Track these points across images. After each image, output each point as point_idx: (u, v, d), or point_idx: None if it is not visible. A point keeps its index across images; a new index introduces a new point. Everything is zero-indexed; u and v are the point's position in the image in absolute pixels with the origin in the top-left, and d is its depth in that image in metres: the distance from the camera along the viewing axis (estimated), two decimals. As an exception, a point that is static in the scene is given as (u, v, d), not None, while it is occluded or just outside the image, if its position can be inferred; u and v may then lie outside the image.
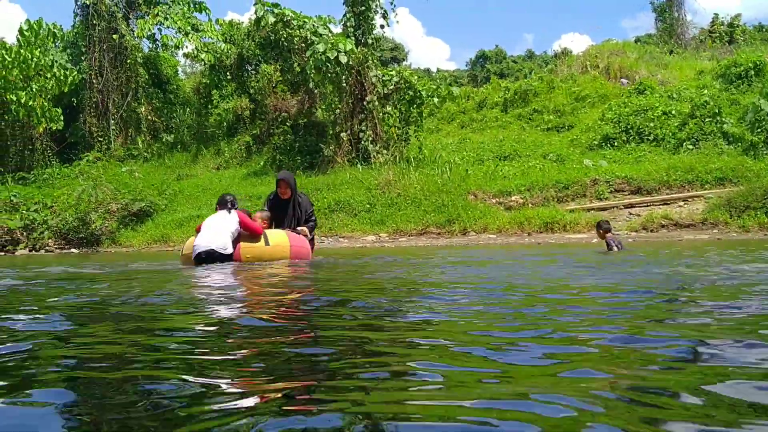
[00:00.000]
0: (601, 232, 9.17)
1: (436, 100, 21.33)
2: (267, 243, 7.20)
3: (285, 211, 7.95)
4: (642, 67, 27.20)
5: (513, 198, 17.16)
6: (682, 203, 15.41)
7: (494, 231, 15.22)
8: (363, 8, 23.13)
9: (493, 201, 17.33)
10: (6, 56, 23.83)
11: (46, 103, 24.62)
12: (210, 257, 6.84)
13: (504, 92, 27.54)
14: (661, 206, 15.41)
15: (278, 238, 7.35)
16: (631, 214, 15.34)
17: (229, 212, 7.18)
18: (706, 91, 21.14)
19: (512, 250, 10.53)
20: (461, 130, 26.56)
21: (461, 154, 21.76)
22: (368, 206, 17.73)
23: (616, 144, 20.27)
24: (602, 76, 26.87)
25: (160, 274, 6.20)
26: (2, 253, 18.19)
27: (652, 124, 20.14)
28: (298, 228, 7.77)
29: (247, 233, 7.22)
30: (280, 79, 25.36)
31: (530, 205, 16.56)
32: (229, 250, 6.96)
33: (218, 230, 7.02)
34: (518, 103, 26.48)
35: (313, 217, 8.20)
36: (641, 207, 15.67)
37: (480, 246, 12.89)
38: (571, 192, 16.95)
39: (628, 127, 20.45)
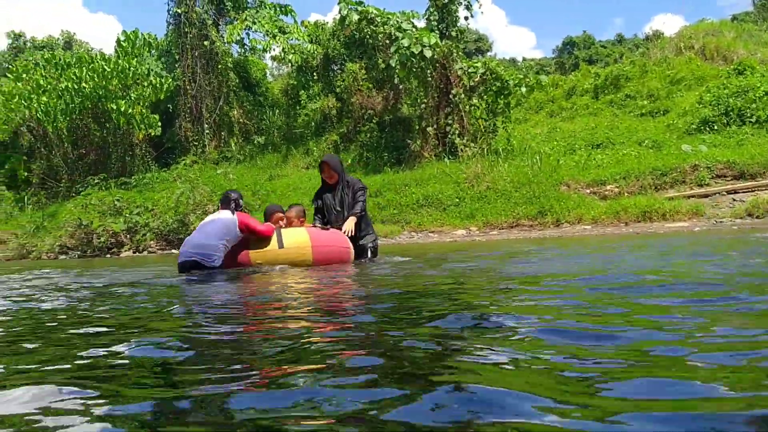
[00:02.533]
0: None
1: (523, 89, 20.86)
2: (281, 245, 6.16)
3: (332, 197, 7.19)
4: (740, 46, 25.90)
5: (608, 187, 16.64)
6: (790, 187, 14.57)
7: (589, 222, 14.82)
8: (446, 1, 23.02)
9: (587, 191, 16.86)
10: (106, 67, 25.11)
11: (144, 111, 25.78)
12: (194, 267, 5.90)
13: (594, 78, 26.83)
14: (766, 191, 14.59)
15: (296, 238, 6.27)
16: (734, 200, 14.58)
17: (233, 213, 6.12)
18: (812, 68, 19.89)
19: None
20: (550, 119, 26.03)
21: (551, 144, 21.30)
22: (457, 200, 17.59)
23: (715, 127, 19.33)
24: (698, 58, 25.75)
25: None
26: (108, 255, 19.11)
27: (754, 105, 19.08)
28: (344, 225, 6.73)
29: (254, 237, 6.20)
30: (366, 76, 25.53)
31: (626, 194, 15.99)
32: (217, 261, 5.89)
33: (209, 235, 6.00)
34: (609, 89, 25.71)
35: (361, 197, 6.99)
36: (745, 192, 14.87)
37: (584, 237, 12.56)
38: (670, 179, 16.26)
39: (728, 109, 19.45)
